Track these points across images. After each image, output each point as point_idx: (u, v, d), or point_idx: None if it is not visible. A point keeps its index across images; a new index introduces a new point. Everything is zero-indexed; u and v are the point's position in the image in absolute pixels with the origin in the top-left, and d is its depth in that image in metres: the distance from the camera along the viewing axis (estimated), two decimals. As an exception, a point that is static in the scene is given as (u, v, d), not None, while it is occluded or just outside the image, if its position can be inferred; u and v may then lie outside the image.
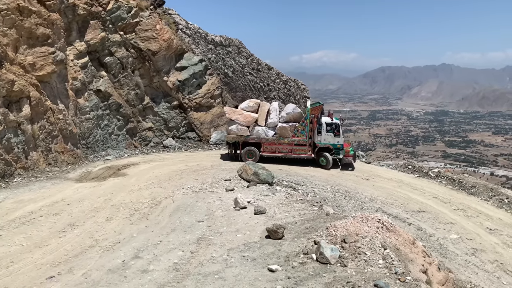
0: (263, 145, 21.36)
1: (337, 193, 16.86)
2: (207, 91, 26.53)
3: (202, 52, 29.89)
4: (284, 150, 21.33)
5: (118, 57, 23.56)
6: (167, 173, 17.64)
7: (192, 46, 29.00)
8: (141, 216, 12.00)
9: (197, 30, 31.33)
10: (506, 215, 16.82)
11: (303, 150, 21.30)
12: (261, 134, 21.35)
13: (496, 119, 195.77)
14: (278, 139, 21.22)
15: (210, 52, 31.38)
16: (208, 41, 31.61)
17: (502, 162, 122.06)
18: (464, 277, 11.28)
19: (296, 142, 21.20)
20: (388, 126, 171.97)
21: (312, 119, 21.10)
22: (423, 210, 16.20)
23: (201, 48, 30.38)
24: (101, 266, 8.49)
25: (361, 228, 8.43)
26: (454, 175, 21.91)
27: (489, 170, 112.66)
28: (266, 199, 13.39)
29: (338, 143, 21.25)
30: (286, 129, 21.12)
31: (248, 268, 8.03)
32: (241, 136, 21.41)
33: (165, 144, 25.07)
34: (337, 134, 21.26)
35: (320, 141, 21.29)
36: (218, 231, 10.36)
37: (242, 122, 21.47)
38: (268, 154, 21.37)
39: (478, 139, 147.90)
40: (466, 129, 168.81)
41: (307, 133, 21.13)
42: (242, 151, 21.41)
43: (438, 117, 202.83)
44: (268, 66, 35.89)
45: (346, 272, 7.35)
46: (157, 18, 25.18)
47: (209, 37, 31.93)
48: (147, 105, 25.17)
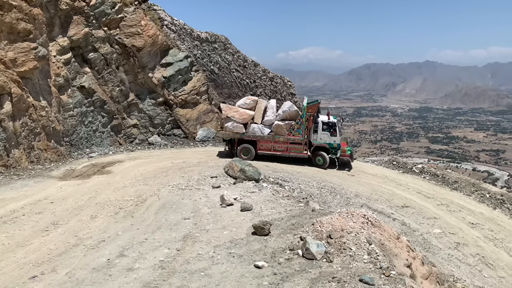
0: (259, 143, 21.19)
1: (323, 189, 16.97)
2: (193, 87, 26.37)
3: (188, 48, 29.66)
4: (280, 149, 21.13)
5: (102, 53, 23.23)
6: (152, 170, 17.51)
7: (177, 42, 28.75)
8: (126, 214, 11.89)
9: (182, 26, 31.07)
10: (487, 209, 17.17)
11: (298, 149, 21.04)
12: (257, 132, 21.22)
13: (478, 116, 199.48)
14: (273, 137, 21.06)
15: (195, 48, 31.17)
16: (194, 37, 31.39)
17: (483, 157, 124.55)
18: (447, 270, 11.49)
19: (291, 141, 20.97)
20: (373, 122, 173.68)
21: (308, 118, 20.83)
22: (407, 205, 16.43)
23: (186, 44, 30.15)
24: (85, 265, 8.39)
25: (346, 223, 8.50)
26: (438, 171, 22.26)
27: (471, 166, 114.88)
28: (252, 195, 13.39)
29: (335, 143, 20.88)
30: (281, 127, 20.93)
31: (234, 265, 8.03)
32: (236, 134, 21.33)
33: (151, 141, 24.86)
34: (333, 133, 20.87)
35: (316, 140, 21.01)
36: (204, 228, 10.32)
37: (238, 119, 21.34)
38: (263, 152, 21.23)
39: (460, 135, 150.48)
40: (449, 125, 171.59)
41: (303, 131, 20.85)
42: (238, 148, 21.31)
43: (422, 114, 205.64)
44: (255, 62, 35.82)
45: (331, 268, 7.41)
46: (142, 13, 24.89)
47: (195, 33, 31.70)
48: (132, 101, 24.90)
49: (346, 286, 6.59)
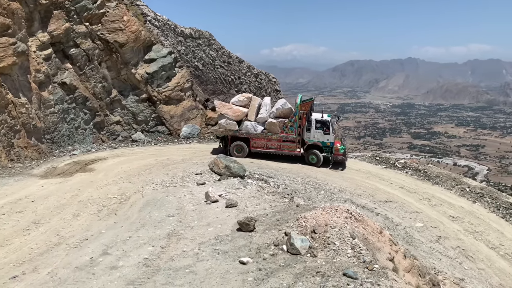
0: (252, 140, 21.07)
1: (308, 185, 17.07)
2: (176, 83, 26.16)
3: (172, 44, 29.37)
4: (273, 146, 20.98)
5: (84, 49, 22.85)
6: (136, 167, 17.35)
7: (161, 38, 28.44)
8: (110, 212, 11.78)
9: (166, 22, 30.72)
10: (467, 203, 17.54)
11: (291, 147, 20.82)
12: (250, 129, 21.08)
13: (458, 112, 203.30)
14: (266, 134, 20.91)
15: (179, 44, 30.87)
16: (178, 33, 31.08)
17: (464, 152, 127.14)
18: (429, 263, 11.70)
19: (284, 139, 20.75)
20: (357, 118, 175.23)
21: (301, 115, 20.53)
22: (390, 200, 16.66)
23: (170, 40, 29.84)
24: (68, 264, 8.28)
25: (330, 218, 8.58)
26: (420, 166, 22.60)
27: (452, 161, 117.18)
28: (237, 192, 13.41)
29: (328, 141, 20.54)
30: (275, 125, 20.75)
31: (219, 262, 8.04)
32: (229, 131, 21.21)
33: (134, 138, 24.60)
34: (326, 131, 20.49)
35: (309, 138, 20.71)
36: (189, 225, 10.30)
37: (231, 116, 21.20)
38: (256, 150, 21.11)
39: (442, 130, 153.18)
40: (430, 121, 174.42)
41: (296, 129, 20.58)
42: (231, 145, 21.19)
43: (405, 110, 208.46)
44: (239, 59, 35.66)
45: (316, 262, 7.48)
46: (124, 9, 24.55)
47: (179, 29, 31.39)
48: (114, 98, 24.58)
49: (330, 281, 6.66)
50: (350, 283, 6.54)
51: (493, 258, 13.05)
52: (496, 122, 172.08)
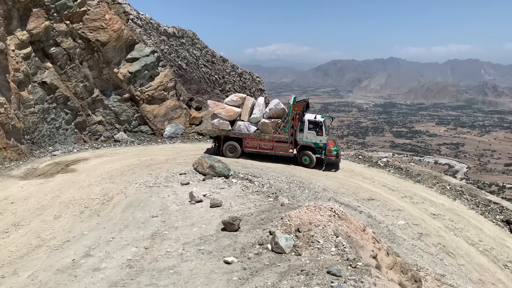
0: (245, 141, 20.96)
1: (292, 184, 17.16)
2: (160, 83, 25.94)
3: (154, 43, 29.10)
4: (266, 147, 20.87)
5: (65, 48, 22.45)
6: (119, 168, 17.15)
7: (143, 37, 28.15)
8: (92, 213, 11.62)
9: (148, 21, 30.42)
10: (448, 200, 17.90)
11: (284, 148, 20.72)
12: (243, 129, 20.97)
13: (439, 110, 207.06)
14: (259, 135, 20.79)
15: (162, 43, 30.61)
16: (161, 32, 30.81)
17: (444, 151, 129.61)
18: (411, 260, 11.90)
19: (277, 139, 20.64)
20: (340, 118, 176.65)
21: (294, 116, 20.39)
22: (373, 198, 16.88)
23: (153, 39, 29.56)
24: (49, 266, 8.14)
25: (314, 217, 8.64)
26: (402, 164, 22.95)
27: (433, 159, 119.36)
28: (222, 192, 13.39)
29: (321, 142, 20.39)
30: (267, 125, 20.65)
31: (204, 262, 8.01)
32: (222, 131, 21.09)
33: (117, 138, 24.30)
34: (319, 132, 20.36)
35: (302, 139, 20.57)
36: (173, 226, 10.23)
37: (224, 116, 21.07)
38: (249, 150, 21.02)
39: (423, 129, 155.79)
40: (412, 120, 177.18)
41: (289, 130, 20.47)
42: (223, 145, 21.08)
43: (387, 109, 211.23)
44: (223, 58, 35.56)
45: (300, 261, 7.52)
46: (106, 7, 24.20)
47: (162, 28, 31.11)
48: (96, 98, 24.23)
49: (314, 279, 6.71)
50: (334, 280, 6.60)
51: (472, 254, 13.36)
52: (475, 120, 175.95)
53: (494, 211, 17.15)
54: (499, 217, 16.67)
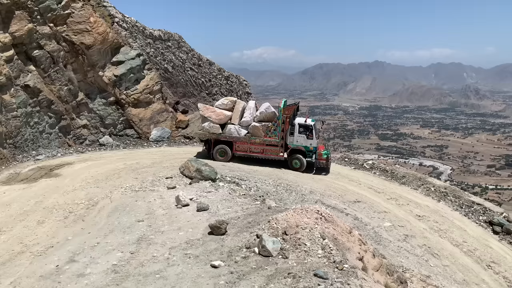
0: (235, 144, 20.89)
1: (279, 187, 17.20)
2: (145, 86, 25.76)
3: (140, 46, 28.92)
4: (256, 150, 20.79)
5: (48, 51, 22.13)
6: (104, 172, 16.94)
7: (129, 40, 27.95)
8: (77, 218, 11.45)
9: (134, 24, 30.23)
10: (432, 202, 18.16)
11: (275, 151, 20.65)
12: (233, 133, 20.89)
13: (423, 113, 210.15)
14: (250, 138, 20.71)
15: (148, 46, 30.45)
16: (146, 35, 30.64)
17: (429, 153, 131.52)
18: (397, 262, 12.02)
19: (268, 143, 20.59)
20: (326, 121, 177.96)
21: (284, 120, 20.32)
22: (359, 200, 17.01)
23: (139, 42, 29.38)
24: (32, 272, 7.99)
25: (301, 219, 8.67)
26: (387, 166, 23.20)
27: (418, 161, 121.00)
28: (209, 195, 13.33)
29: (311, 146, 20.35)
30: (258, 129, 20.59)
31: (190, 266, 7.96)
32: (213, 134, 20.99)
33: (102, 142, 24.02)
34: (310, 136, 20.31)
35: (292, 143, 20.54)
36: (159, 230, 10.15)
37: (215, 119, 20.98)
38: (240, 153, 20.94)
39: (408, 132, 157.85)
40: (397, 122, 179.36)
41: (279, 133, 20.41)
42: (214, 149, 20.97)
43: (372, 112, 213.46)
44: (210, 61, 35.52)
45: (287, 264, 7.53)
46: (91, 10, 23.98)
47: (147, 31, 30.95)
48: (81, 101, 23.93)
49: (301, 281, 6.73)
50: (321, 283, 6.62)
51: (457, 255, 13.56)
52: (458, 123, 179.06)
53: (477, 212, 17.44)
54: (482, 218, 16.96)
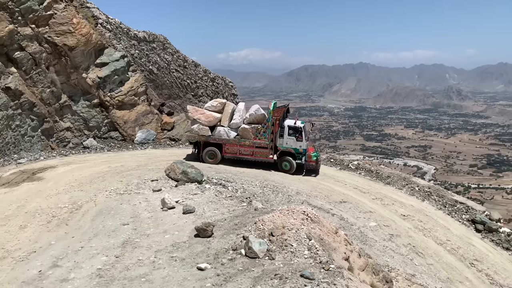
0: (225, 146, 20.78)
1: (266, 188, 17.20)
2: (130, 88, 25.53)
3: (125, 48, 28.66)
4: (246, 152, 20.70)
5: (30, 52, 21.75)
6: (88, 175, 16.71)
7: (113, 41, 27.67)
8: (60, 222, 11.26)
9: (118, 25, 29.94)
10: (417, 201, 18.40)
11: (264, 153, 20.59)
12: (223, 135, 20.77)
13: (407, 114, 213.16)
14: (239, 140, 20.62)
15: (133, 48, 30.19)
16: (131, 37, 30.38)
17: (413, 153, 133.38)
18: (382, 261, 12.14)
19: (257, 145, 20.50)
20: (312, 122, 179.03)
21: (274, 122, 20.26)
22: (345, 200, 17.14)
23: (123, 44, 29.11)
24: (13, 278, 7.83)
25: (287, 220, 8.68)
26: (372, 167, 23.44)
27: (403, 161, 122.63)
28: (195, 197, 13.26)
29: (300, 148, 20.34)
30: (247, 131, 20.50)
31: (176, 269, 7.90)
32: (202, 136, 20.85)
33: (86, 144, 23.70)
34: (299, 138, 20.29)
35: (282, 145, 20.49)
36: (144, 233, 10.04)
37: (204, 121, 20.83)
38: (229, 156, 20.85)
39: (392, 132, 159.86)
40: (381, 123, 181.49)
41: (269, 136, 20.34)
42: (203, 151, 20.86)
43: (357, 113, 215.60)
44: (195, 63, 35.39)
45: (274, 265, 7.53)
46: (74, 11, 23.67)
47: (132, 32, 30.69)
48: (64, 103, 23.58)
49: (288, 282, 6.73)
50: (307, 284, 6.64)
51: (441, 253, 13.76)
52: (441, 123, 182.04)
53: (460, 211, 17.75)
54: (465, 216, 17.26)
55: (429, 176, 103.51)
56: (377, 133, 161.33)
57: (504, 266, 13.78)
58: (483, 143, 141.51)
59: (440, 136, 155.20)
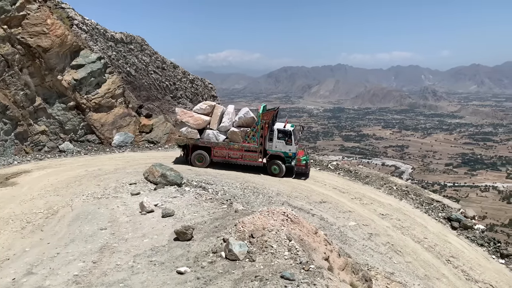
0: (213, 150, 20.50)
1: (246, 190, 17.17)
2: (107, 90, 25.12)
3: (101, 49, 28.19)
4: (235, 156, 20.43)
5: (2, 54, 21.16)
6: (64, 179, 16.32)
7: (89, 43, 27.19)
8: (35, 228, 10.96)
9: (95, 26, 29.43)
10: (395, 200, 18.71)
11: (253, 157, 20.33)
12: (212, 138, 20.51)
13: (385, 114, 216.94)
14: (228, 144, 20.34)
15: (110, 49, 29.73)
16: (108, 38, 29.91)
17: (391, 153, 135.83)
18: (362, 260, 12.27)
19: (246, 148, 20.27)
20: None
21: (263, 125, 20.03)
22: (325, 200, 17.26)
23: (100, 45, 28.63)
24: (-14, 287, 7.57)
25: (267, 222, 8.69)
26: (351, 167, 23.73)
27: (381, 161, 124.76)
28: (174, 200, 13.12)
29: (290, 151, 20.10)
30: (236, 134, 20.24)
31: (155, 273, 7.79)
32: (190, 139, 20.56)
33: (62, 148, 23.16)
34: (288, 141, 20.06)
35: (271, 148, 20.26)
36: (123, 238, 9.87)
37: (192, 124, 20.53)
38: (218, 159, 20.61)
39: (370, 133, 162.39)
40: (360, 124, 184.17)
41: (258, 139, 20.09)
42: (192, 155, 20.58)
43: (336, 114, 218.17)
44: (174, 64, 35.14)
45: (254, 267, 7.52)
46: (48, 12, 23.14)
47: (109, 33, 30.22)
48: (39, 106, 23.00)
49: (268, 284, 6.73)
50: (288, 285, 6.65)
51: (418, 251, 14.02)
52: (418, 124, 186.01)
53: (436, 209, 18.14)
54: (441, 214, 17.65)
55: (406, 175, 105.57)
56: (356, 133, 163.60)
57: (479, 262, 14.14)
58: (457, 143, 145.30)
59: (416, 136, 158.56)
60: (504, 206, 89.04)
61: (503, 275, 13.66)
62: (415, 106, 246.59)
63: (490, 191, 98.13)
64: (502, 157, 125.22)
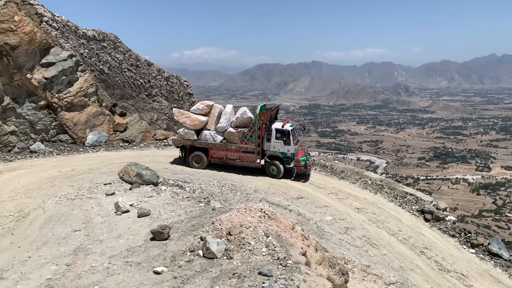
0: (211, 151, 20.12)
1: (224, 187, 17.13)
2: (79, 88, 24.52)
3: (73, 47, 27.51)
4: (232, 157, 20.02)
5: (-34, 52, 20.36)
6: (36, 181, 15.86)
7: (60, 40, 26.49)
8: (5, 231, 10.61)
9: (65, 23, 28.67)
10: (370, 194, 19.03)
11: (251, 158, 19.86)
12: (209, 139, 20.09)
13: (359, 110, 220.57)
14: (225, 145, 19.94)
15: (82, 47, 29.04)
16: (79, 35, 29.20)
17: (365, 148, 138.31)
18: (339, 254, 12.44)
19: (244, 149, 19.82)
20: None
21: (260, 125, 19.50)
22: (302, 196, 17.41)
23: (71, 43, 27.93)
24: (-47, 295, 7.29)
25: (245, 219, 8.68)
26: (327, 162, 23.99)
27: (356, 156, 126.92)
28: (150, 200, 12.96)
29: (288, 152, 19.52)
30: (234, 135, 19.86)
31: (132, 274, 7.68)
32: (188, 140, 20.21)
33: (33, 149, 22.49)
34: (287, 141, 19.47)
35: (269, 149, 19.75)
36: (97, 239, 9.68)
37: (189, 125, 20.15)
38: (215, 160, 20.22)
39: (345, 128, 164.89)
40: (335, 120, 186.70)
41: (256, 140, 19.61)
42: (189, 156, 20.24)
43: (312, 110, 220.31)
44: (148, 62, 34.64)
45: (232, 264, 7.51)
46: (15, 8, 22.36)
47: (80, 31, 29.50)
48: (7, 106, 22.24)
49: (246, 281, 6.74)
50: (265, 281, 6.68)
51: (393, 244, 14.32)
52: (391, 119, 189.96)
53: (410, 202, 18.58)
54: (414, 207, 18.08)
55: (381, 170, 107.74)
56: (331, 129, 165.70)
57: (451, 252, 14.57)
58: (429, 137, 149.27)
59: (390, 131, 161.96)
60: (474, 198, 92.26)
61: (474, 264, 14.13)
62: (388, 102, 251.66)
63: (461, 184, 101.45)
64: (472, 150, 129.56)
